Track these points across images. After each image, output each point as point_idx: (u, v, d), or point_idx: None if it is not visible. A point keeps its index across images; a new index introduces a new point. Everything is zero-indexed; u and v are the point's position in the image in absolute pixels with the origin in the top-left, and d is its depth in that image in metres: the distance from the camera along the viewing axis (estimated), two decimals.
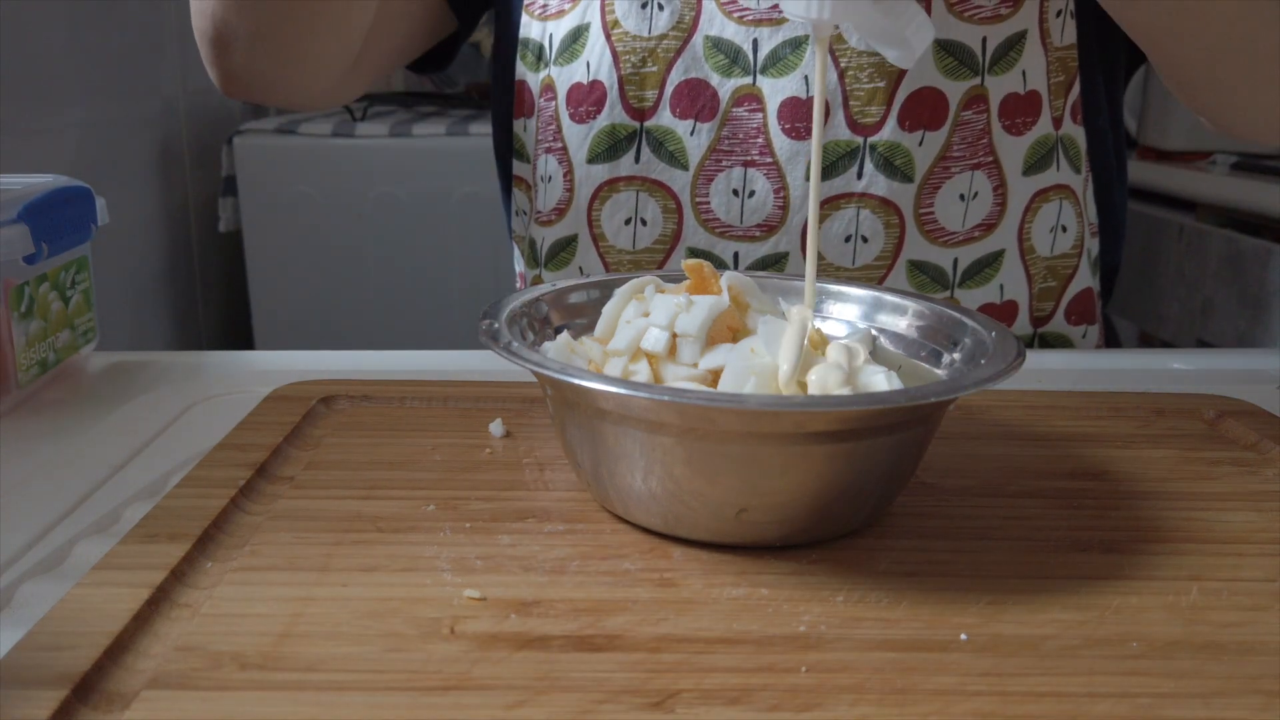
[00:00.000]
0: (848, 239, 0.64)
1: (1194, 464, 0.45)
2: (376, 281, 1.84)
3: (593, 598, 0.33)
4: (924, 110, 0.62)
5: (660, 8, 0.64)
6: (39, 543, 0.39)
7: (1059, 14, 0.65)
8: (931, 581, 0.35)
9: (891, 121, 0.62)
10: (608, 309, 0.42)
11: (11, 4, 1.31)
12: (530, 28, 0.70)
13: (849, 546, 0.37)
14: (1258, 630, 0.32)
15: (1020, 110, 0.64)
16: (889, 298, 0.46)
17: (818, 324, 0.43)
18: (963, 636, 0.31)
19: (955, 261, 0.66)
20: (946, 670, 0.30)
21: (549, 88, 0.69)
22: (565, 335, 0.42)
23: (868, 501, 0.37)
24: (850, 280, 0.52)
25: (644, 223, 0.67)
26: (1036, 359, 0.64)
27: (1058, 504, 0.41)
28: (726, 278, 0.42)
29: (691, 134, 0.64)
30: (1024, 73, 0.64)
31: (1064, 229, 0.68)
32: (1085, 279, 0.70)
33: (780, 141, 0.63)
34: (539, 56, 0.70)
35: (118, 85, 1.62)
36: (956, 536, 0.38)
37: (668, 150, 0.65)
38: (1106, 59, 0.69)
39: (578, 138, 0.67)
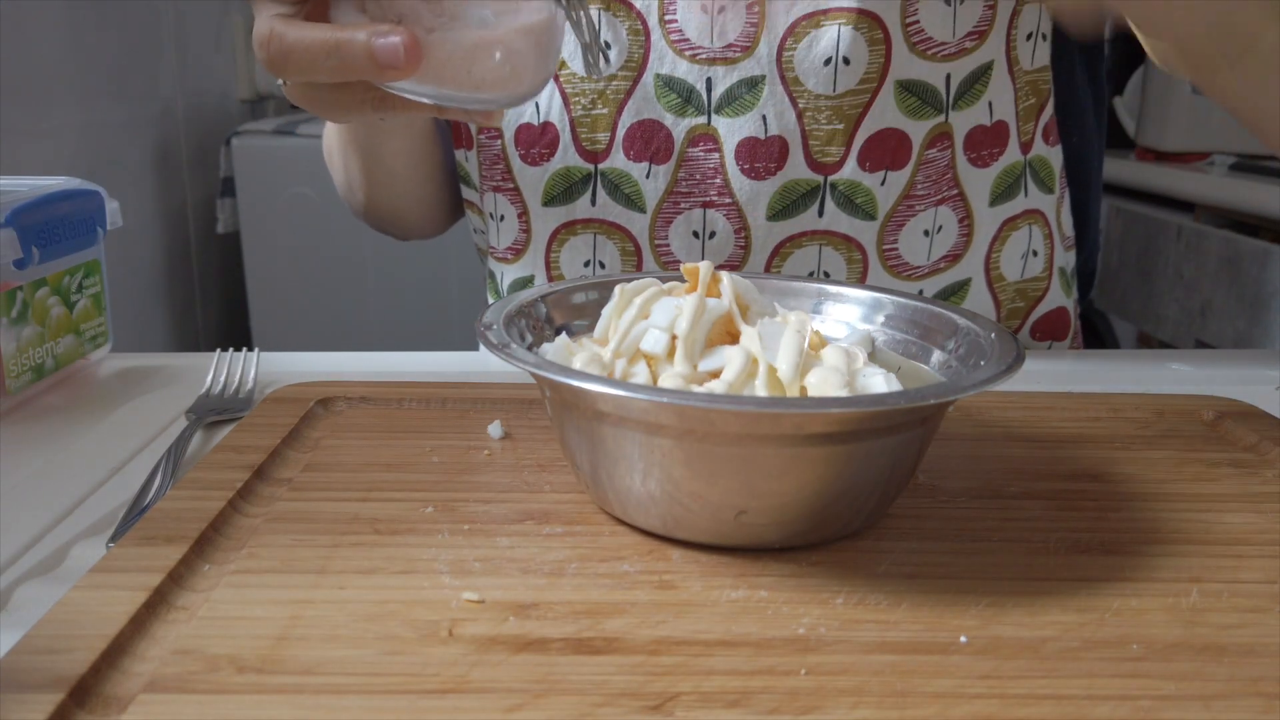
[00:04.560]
0: (810, 274, 0.64)
1: (1193, 465, 0.45)
2: (375, 283, 1.84)
3: (591, 600, 0.33)
4: (885, 151, 0.61)
5: (607, 46, 0.62)
6: (36, 545, 0.39)
7: (1029, 37, 0.63)
8: (931, 583, 0.35)
9: (851, 162, 0.61)
10: (607, 310, 0.42)
11: (10, 6, 1.31)
12: None
13: (848, 548, 0.37)
14: (1258, 632, 0.32)
15: (987, 142, 0.63)
16: (888, 299, 0.46)
17: (817, 325, 0.43)
18: (962, 639, 0.31)
19: (920, 293, 0.65)
20: (946, 673, 0.30)
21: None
22: (564, 337, 0.42)
23: (867, 503, 0.37)
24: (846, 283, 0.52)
25: (602, 265, 0.66)
26: (1036, 361, 0.64)
27: (1057, 505, 0.41)
28: (727, 280, 0.42)
29: (647, 176, 0.63)
30: (990, 104, 0.63)
31: (1034, 253, 0.67)
32: (1058, 298, 0.69)
33: (739, 182, 0.62)
34: None
35: (116, 87, 1.61)
36: (956, 538, 0.38)
37: (624, 193, 0.64)
38: (1092, 66, 0.68)
39: (532, 180, 0.65)
